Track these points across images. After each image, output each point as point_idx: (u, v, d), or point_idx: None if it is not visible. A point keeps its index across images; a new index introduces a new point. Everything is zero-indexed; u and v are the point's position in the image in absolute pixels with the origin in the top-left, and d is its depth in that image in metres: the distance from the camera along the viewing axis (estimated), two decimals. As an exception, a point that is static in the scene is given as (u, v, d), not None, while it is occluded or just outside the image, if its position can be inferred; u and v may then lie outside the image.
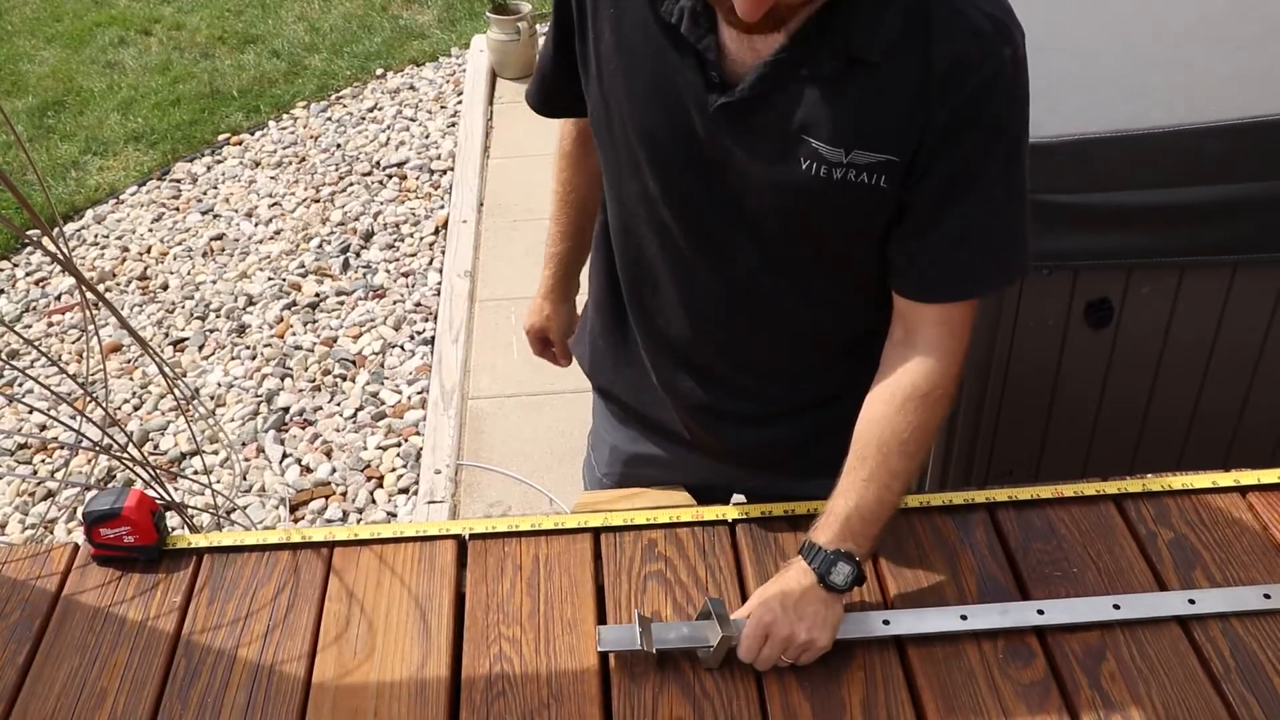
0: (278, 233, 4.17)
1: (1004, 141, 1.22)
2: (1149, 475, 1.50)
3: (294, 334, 3.65)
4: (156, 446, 3.25)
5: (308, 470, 3.13)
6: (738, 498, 1.64)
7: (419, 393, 3.37)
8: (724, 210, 1.30)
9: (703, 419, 1.52)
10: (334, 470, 3.12)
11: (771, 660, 1.26)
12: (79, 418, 1.82)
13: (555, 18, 1.38)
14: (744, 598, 1.36)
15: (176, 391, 3.43)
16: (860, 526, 1.29)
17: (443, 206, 4.25)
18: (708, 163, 1.27)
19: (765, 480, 1.60)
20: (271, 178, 4.51)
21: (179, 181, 4.54)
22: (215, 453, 3.24)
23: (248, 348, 3.59)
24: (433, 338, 3.57)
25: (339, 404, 3.35)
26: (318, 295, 3.81)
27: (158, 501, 1.44)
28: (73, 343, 3.71)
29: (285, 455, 3.18)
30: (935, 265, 1.27)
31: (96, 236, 4.23)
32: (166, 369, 3.43)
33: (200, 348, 3.62)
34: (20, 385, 3.56)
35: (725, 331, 1.42)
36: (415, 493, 3.01)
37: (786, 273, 1.34)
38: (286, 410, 3.33)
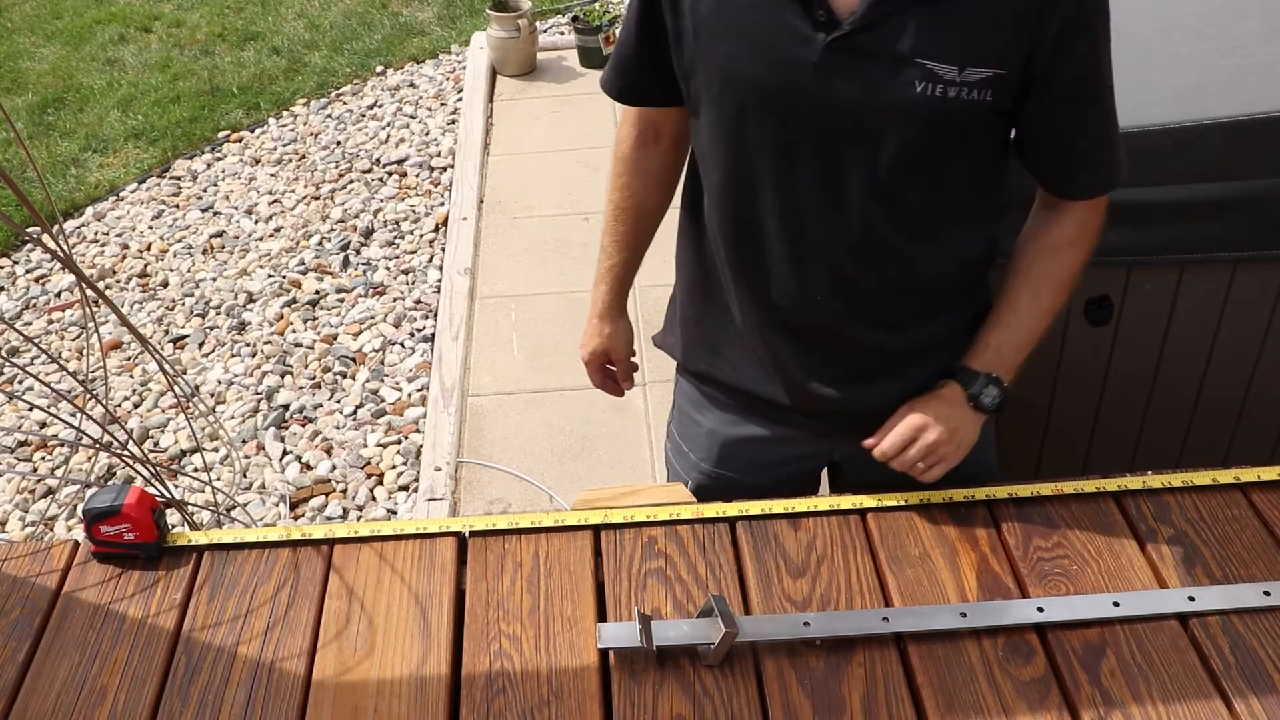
0: (278, 230, 4.17)
1: (1104, 41, 1.33)
2: (1149, 473, 1.50)
3: (294, 331, 3.65)
4: (156, 444, 3.25)
5: (308, 467, 3.13)
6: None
7: (419, 390, 3.37)
8: (834, 149, 1.34)
9: (804, 381, 1.54)
10: (334, 467, 3.12)
11: (908, 463, 1.44)
12: (79, 415, 1.82)
13: (637, 2, 1.43)
14: (744, 594, 1.36)
15: (177, 389, 3.43)
16: (1010, 355, 1.46)
17: (443, 203, 4.25)
18: (818, 104, 1.31)
19: (856, 448, 1.63)
20: (271, 175, 4.51)
21: (179, 179, 4.54)
22: (215, 450, 3.24)
23: (248, 345, 3.59)
24: (433, 335, 3.58)
25: (339, 401, 3.35)
26: (318, 292, 3.81)
27: (158, 499, 1.44)
28: (73, 340, 3.71)
29: (285, 452, 3.18)
30: (1086, 167, 1.41)
31: (96, 234, 4.23)
32: (166, 366, 3.43)
33: (200, 345, 3.62)
34: (20, 382, 3.56)
35: (831, 279, 1.44)
36: (415, 490, 3.01)
37: (893, 207, 1.38)
38: (286, 407, 3.33)
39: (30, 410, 3.39)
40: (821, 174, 1.36)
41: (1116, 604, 1.32)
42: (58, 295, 3.92)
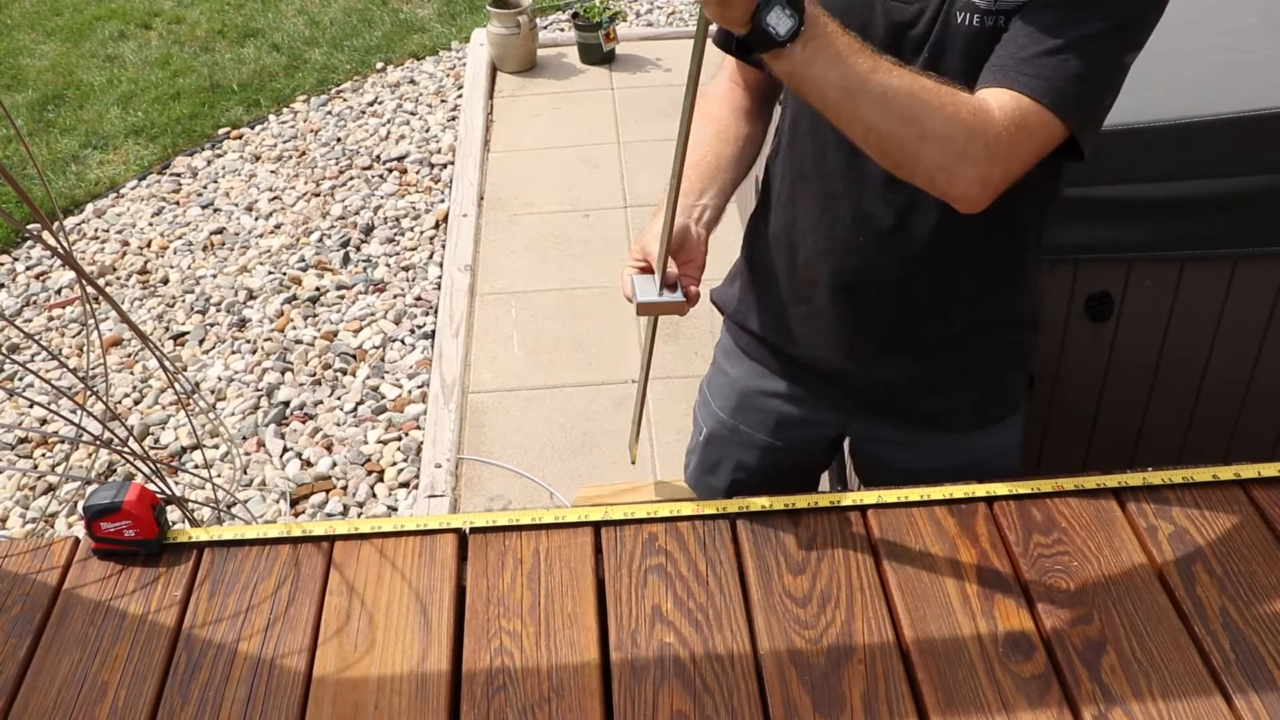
0: (278, 227, 4.17)
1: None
2: (1149, 469, 1.50)
3: (294, 328, 3.65)
4: (157, 441, 3.25)
5: (308, 464, 3.13)
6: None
7: (419, 387, 3.37)
8: None
9: (829, 340, 1.59)
10: (334, 464, 3.12)
11: None
12: (79, 412, 1.82)
13: None
14: (745, 591, 1.36)
15: (177, 386, 3.43)
16: (835, 38, 1.18)
17: (443, 200, 4.24)
18: (882, 39, 1.33)
19: (868, 422, 1.69)
20: (272, 172, 4.51)
21: (179, 175, 4.54)
22: (216, 447, 3.24)
23: (248, 342, 3.59)
24: (433, 332, 3.57)
25: (339, 398, 3.35)
26: (318, 289, 3.81)
27: (158, 495, 1.44)
28: (73, 337, 3.71)
29: (286, 449, 3.18)
30: (1016, 64, 1.26)
31: (96, 230, 4.23)
32: (167, 363, 3.43)
33: (200, 342, 3.62)
34: (21, 379, 3.56)
35: (867, 243, 1.47)
36: (416, 487, 3.01)
37: None
38: (287, 404, 3.33)
39: (31, 407, 3.39)
40: None
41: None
42: (58, 292, 3.92)
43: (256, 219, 4.23)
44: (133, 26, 5.69)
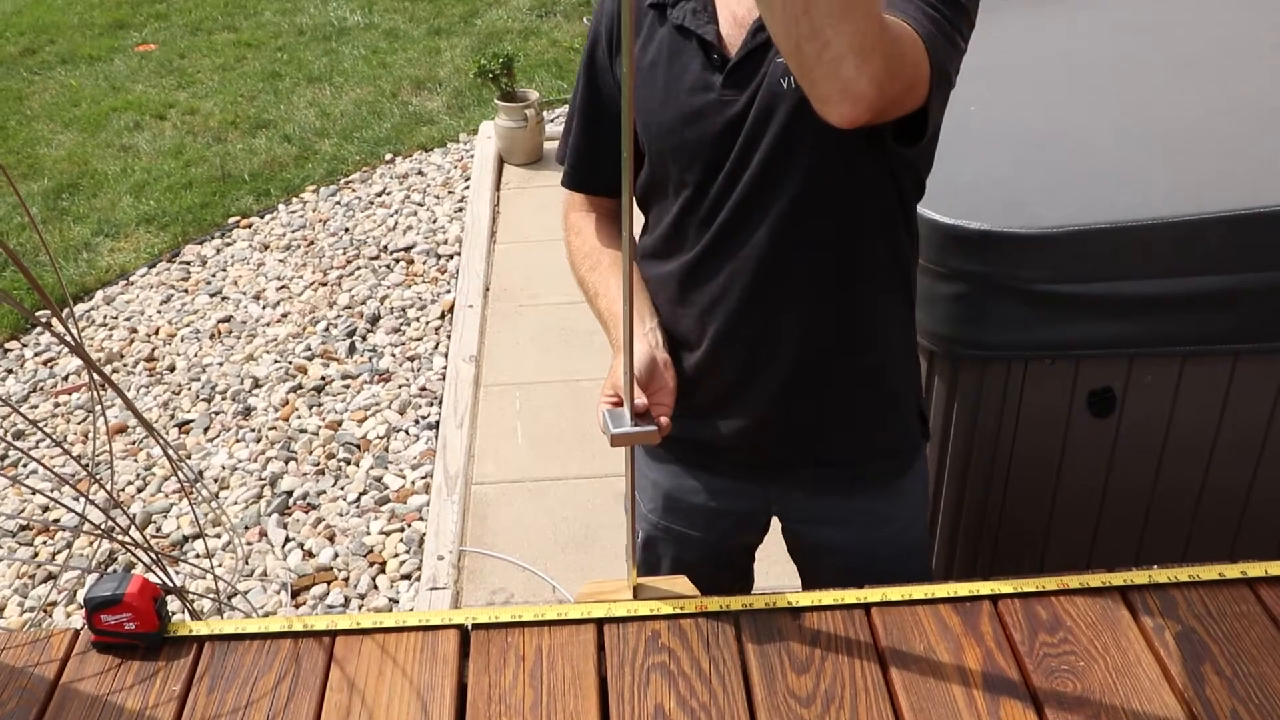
0: (285, 315, 4.20)
1: None
2: (1155, 566, 1.49)
3: (299, 417, 3.65)
4: (159, 529, 3.24)
5: (310, 555, 3.11)
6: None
7: (423, 478, 3.36)
8: (741, 166, 1.43)
9: (734, 405, 1.59)
10: (336, 555, 3.10)
11: None
12: (82, 499, 1.83)
13: (586, 90, 1.57)
14: (749, 690, 1.35)
15: (180, 474, 3.43)
16: None
17: (449, 291, 4.28)
18: (722, 130, 1.41)
19: (788, 491, 1.68)
20: (280, 260, 4.55)
21: (188, 263, 4.59)
22: (218, 536, 3.23)
23: (253, 430, 3.60)
24: (437, 422, 3.58)
25: (343, 488, 3.34)
26: (323, 378, 3.83)
27: (159, 586, 1.44)
28: (79, 423, 3.72)
29: (288, 539, 3.17)
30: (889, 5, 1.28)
31: (105, 317, 4.27)
32: (171, 451, 3.43)
33: (205, 430, 3.63)
34: (24, 466, 3.56)
35: (749, 303, 1.50)
36: (418, 578, 2.99)
37: (795, 210, 1.43)
38: (290, 494, 3.32)
39: (33, 494, 3.39)
40: (736, 200, 1.45)
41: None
42: (65, 378, 3.94)
43: (264, 307, 4.26)
44: (148, 117, 5.79)
